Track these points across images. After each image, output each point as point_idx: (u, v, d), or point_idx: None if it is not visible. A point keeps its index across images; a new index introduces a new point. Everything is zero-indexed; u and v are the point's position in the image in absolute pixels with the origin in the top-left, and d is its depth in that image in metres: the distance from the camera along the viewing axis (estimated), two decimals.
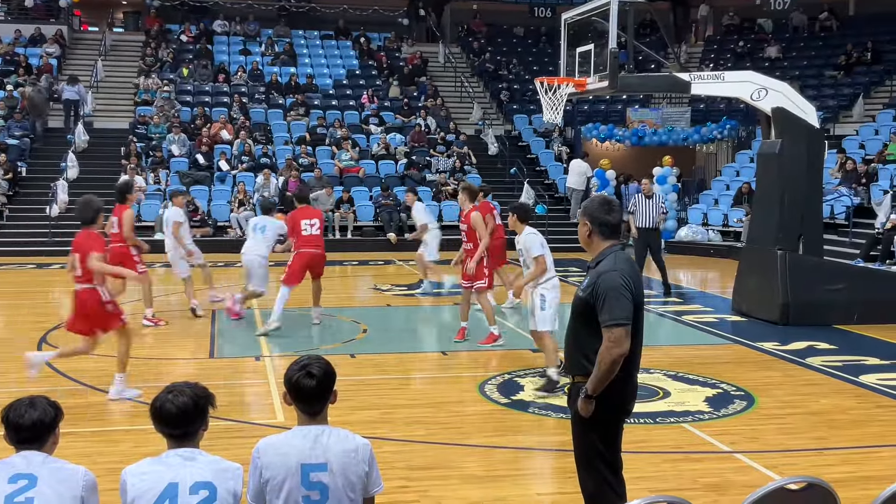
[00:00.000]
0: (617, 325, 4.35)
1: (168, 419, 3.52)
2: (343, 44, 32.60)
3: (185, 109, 27.05)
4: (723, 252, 20.99)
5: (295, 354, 10.05)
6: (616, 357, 4.34)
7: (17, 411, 3.60)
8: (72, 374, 9.10)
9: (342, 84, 30.15)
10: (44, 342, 10.77)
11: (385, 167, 25.42)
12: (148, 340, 11.25)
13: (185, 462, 3.49)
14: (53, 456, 3.64)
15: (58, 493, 3.46)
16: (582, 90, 13.14)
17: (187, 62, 29.59)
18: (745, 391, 8.67)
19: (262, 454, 3.58)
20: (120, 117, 26.93)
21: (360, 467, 3.59)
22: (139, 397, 8.09)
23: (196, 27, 31.67)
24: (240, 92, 28.19)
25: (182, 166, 24.27)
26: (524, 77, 30.37)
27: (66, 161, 23.56)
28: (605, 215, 4.62)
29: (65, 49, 29.80)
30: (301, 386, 3.58)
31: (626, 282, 4.43)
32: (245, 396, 8.43)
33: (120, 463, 4.27)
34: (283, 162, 24.56)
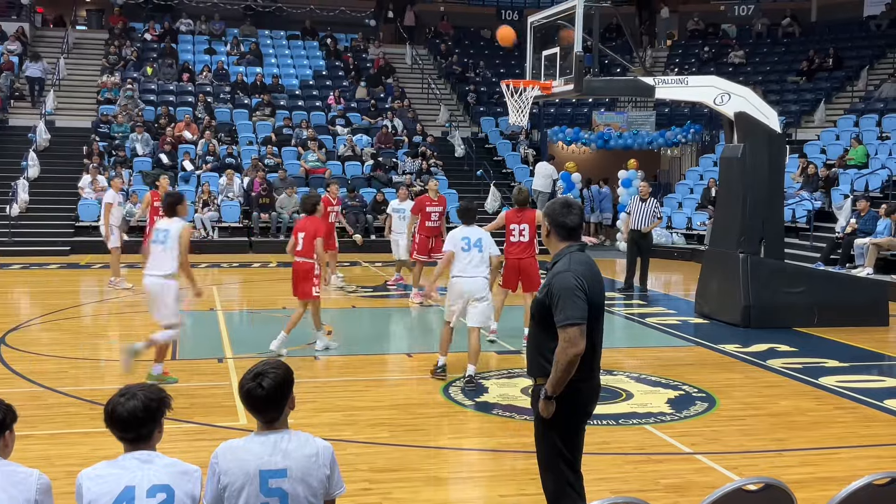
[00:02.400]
0: (571, 324, 4.37)
1: (119, 422, 3.46)
2: (310, 44, 32.47)
3: (148, 108, 26.79)
4: (686, 255, 21.18)
5: (258, 356, 10.03)
6: (572, 357, 4.37)
7: None
8: (30, 376, 8.98)
9: (308, 84, 30.03)
10: (2, 343, 10.61)
11: (351, 168, 25.36)
12: (109, 343, 11.11)
13: (141, 465, 3.44)
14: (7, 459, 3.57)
15: (10, 496, 3.39)
16: (548, 93, 13.20)
17: (151, 61, 29.32)
18: (707, 393, 8.74)
19: (221, 459, 3.53)
20: (82, 116, 26.61)
21: (320, 472, 3.56)
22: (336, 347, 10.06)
23: (160, 25, 31.39)
24: (205, 91, 27.96)
25: (145, 166, 24.03)
26: (491, 79, 30.43)
27: (26, 160, 23.24)
28: (561, 217, 4.65)
29: (26, 46, 29.39)
30: (252, 395, 3.50)
31: (580, 282, 4.45)
32: (207, 398, 8.36)
33: (78, 466, 4.22)
34: (249, 162, 24.41)
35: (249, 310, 13.09)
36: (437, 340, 10.88)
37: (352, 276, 18.33)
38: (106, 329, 12.27)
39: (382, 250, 22.02)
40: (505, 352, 10.66)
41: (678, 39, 33.73)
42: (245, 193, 23.17)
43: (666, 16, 34.05)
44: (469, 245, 9.03)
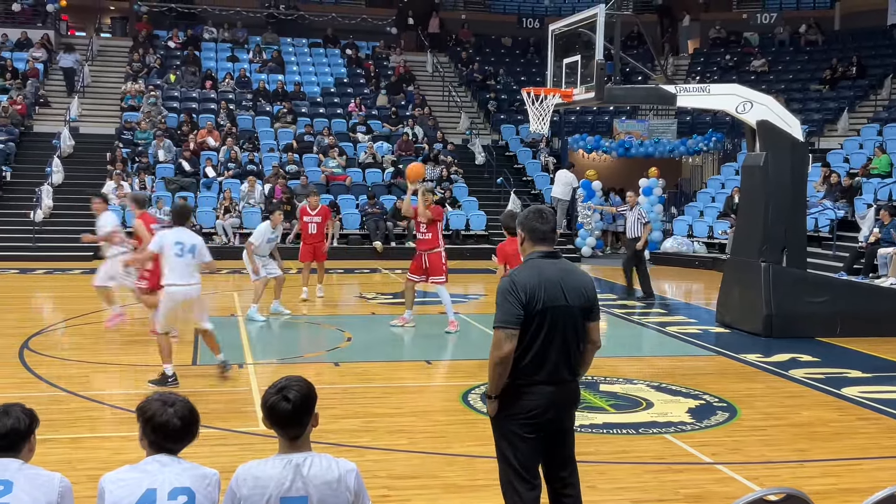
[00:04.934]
0: (496, 327, 4.49)
1: (172, 433, 3.47)
2: (331, 52, 32.61)
3: (171, 115, 26.98)
4: (707, 264, 21.07)
5: (280, 363, 10.08)
6: (496, 359, 4.47)
7: None
8: (52, 380, 9.05)
9: (330, 92, 30.15)
10: (25, 348, 10.69)
11: (372, 175, 25.42)
12: (133, 347, 11.19)
13: (162, 468, 3.46)
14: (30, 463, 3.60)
15: (34, 498, 3.44)
16: (569, 101, 13.19)
17: (174, 68, 29.54)
18: (728, 402, 8.69)
19: (241, 484, 3.44)
20: (106, 123, 26.85)
21: (343, 497, 3.45)
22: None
23: (184, 33, 31.62)
24: (227, 99, 28.14)
25: (168, 172, 24.19)
26: (512, 87, 30.45)
27: (51, 166, 23.46)
28: (533, 223, 4.71)
29: (51, 54, 29.70)
30: (277, 410, 3.44)
31: (514, 287, 4.51)
32: (227, 404, 8.39)
33: (99, 470, 4.25)
34: (270, 169, 24.52)
35: (270, 316, 13.13)
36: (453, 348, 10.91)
37: (371, 283, 18.37)
38: (127, 334, 12.33)
39: (403, 257, 22.06)
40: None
41: (700, 48, 33.63)
42: (266, 200, 23.26)
43: (688, 24, 33.96)
44: (183, 251, 8.82)
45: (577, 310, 4.65)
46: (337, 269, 19.86)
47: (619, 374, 9.81)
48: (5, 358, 10.13)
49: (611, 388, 9.16)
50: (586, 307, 4.70)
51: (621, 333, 13.56)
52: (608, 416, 8.15)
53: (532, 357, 4.55)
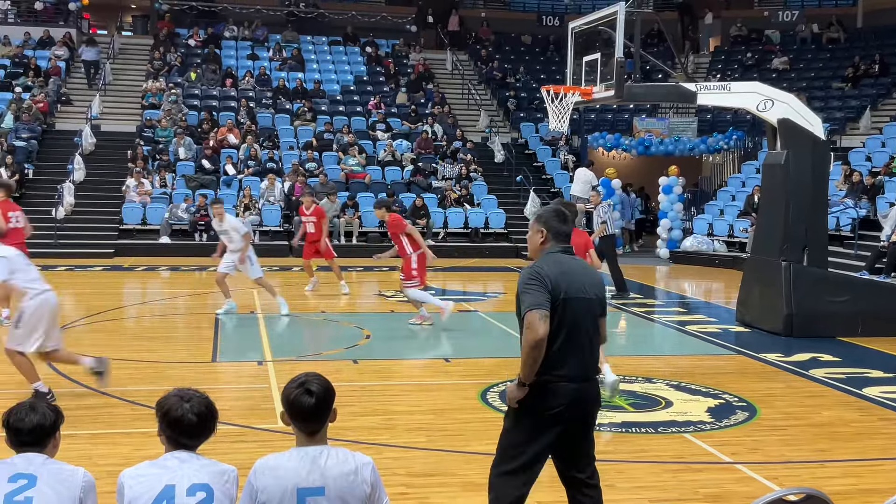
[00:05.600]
0: (531, 309, 4.45)
1: (186, 429, 3.51)
2: (351, 50, 32.67)
3: (192, 113, 27.12)
4: (728, 262, 20.97)
5: (298, 360, 10.11)
6: (531, 341, 4.42)
7: (17, 415, 3.62)
8: (73, 376, 9.12)
9: (349, 90, 30.20)
10: None
11: (391, 173, 25.46)
12: (153, 343, 11.26)
13: (181, 464, 3.49)
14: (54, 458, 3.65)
15: (57, 492, 3.48)
16: (588, 99, 13.15)
17: (195, 66, 29.68)
18: (748, 402, 8.65)
19: (258, 476, 3.48)
20: (127, 120, 27.02)
21: (360, 489, 3.49)
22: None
23: (204, 31, 31.77)
24: (247, 96, 28.24)
25: (188, 170, 24.32)
26: (531, 85, 30.41)
27: (72, 163, 23.62)
28: (559, 225, 4.77)
29: (73, 52, 29.91)
30: (300, 404, 3.49)
31: (537, 275, 4.54)
32: (246, 401, 8.43)
33: (119, 465, 4.28)
34: (290, 167, 24.60)
35: (289, 313, 13.18)
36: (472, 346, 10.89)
37: (390, 280, 18.38)
38: (148, 331, 12.42)
39: None
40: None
41: (721, 45, 33.46)
42: (286, 198, 23.33)
43: (709, 22, 33.78)
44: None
45: (596, 303, 4.71)
46: (356, 267, 19.91)
47: (639, 373, 9.79)
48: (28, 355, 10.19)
49: (630, 387, 9.13)
50: (601, 301, 4.77)
51: (641, 332, 13.52)
52: (627, 415, 8.13)
53: (557, 350, 4.51)
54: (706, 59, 32.80)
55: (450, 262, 20.45)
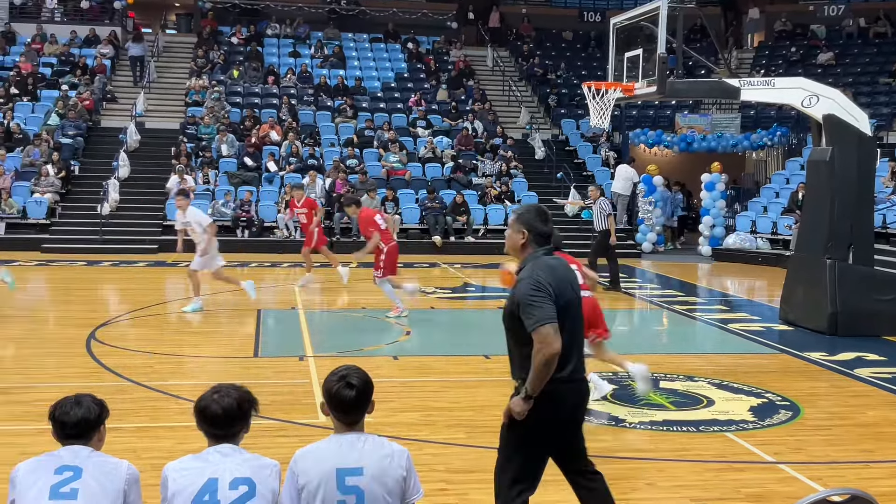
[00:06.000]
0: (543, 324, 4.37)
1: (212, 420, 3.60)
2: (392, 46, 32.75)
3: (234, 110, 27.35)
4: (771, 260, 20.73)
5: (339, 356, 10.16)
6: (548, 356, 4.36)
7: (63, 409, 3.69)
8: (118, 370, 9.25)
9: (390, 87, 30.28)
10: (93, 338, 10.94)
11: (432, 170, 25.49)
12: (196, 338, 11.39)
13: (224, 458, 3.55)
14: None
15: (102, 485, 3.54)
16: (630, 95, 13.07)
17: (238, 64, 29.94)
18: (791, 401, 8.55)
19: (299, 461, 3.61)
20: (171, 118, 27.32)
21: (397, 472, 3.61)
22: None
23: (247, 29, 32.03)
24: (289, 94, 28.43)
25: (231, 167, 24.54)
26: (572, 81, 30.28)
27: (117, 160, 23.94)
28: (541, 226, 4.69)
29: (118, 50, 30.31)
30: (341, 396, 3.62)
31: (541, 285, 4.45)
32: (288, 395, 8.49)
33: (163, 459, 4.34)
34: (331, 164, 24.73)
35: (329, 309, 13.25)
36: None
37: (430, 277, 18.43)
38: (191, 326, 12.56)
39: (462, 252, 22.09)
40: (587, 355, 10.57)
41: (765, 41, 33.05)
42: (327, 194, 23.46)
43: (752, 17, 33.39)
44: None
45: (581, 301, 4.73)
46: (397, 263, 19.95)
47: (680, 371, 9.71)
48: (74, 348, 10.38)
49: (671, 385, 9.07)
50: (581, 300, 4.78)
51: (682, 330, 13.42)
52: (668, 413, 8.08)
53: (563, 354, 4.48)
54: (750, 54, 32.43)
55: (490, 258, 20.43)
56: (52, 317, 13.67)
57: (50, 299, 15.72)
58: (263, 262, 19.75)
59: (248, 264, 18.39)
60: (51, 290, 16.67)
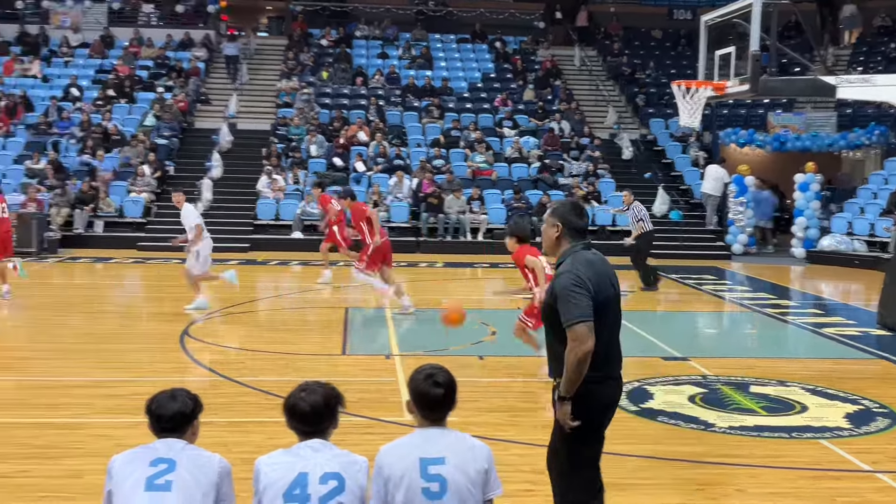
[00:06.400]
0: (575, 322, 4.32)
1: (301, 417, 3.68)
2: (479, 47, 32.79)
3: (323, 112, 27.74)
4: (868, 263, 20.09)
5: (425, 355, 10.21)
6: (581, 355, 4.30)
7: (159, 403, 3.79)
8: (210, 366, 9.46)
9: (477, 87, 30.31)
10: (186, 334, 11.21)
11: (518, 170, 25.43)
12: (286, 335, 11.58)
13: (314, 453, 3.61)
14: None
15: (195, 477, 3.62)
16: (721, 93, 12.83)
17: (327, 66, 30.35)
18: (889, 409, 8.27)
19: (383, 456, 3.72)
20: (262, 119, 27.85)
21: (478, 464, 3.69)
22: None
23: (336, 31, 32.44)
24: (377, 95, 28.71)
25: (320, 167, 24.89)
26: (661, 80, 29.85)
27: (210, 161, 24.50)
28: (575, 219, 4.66)
29: (212, 53, 31.03)
30: (429, 394, 3.71)
31: (581, 280, 4.39)
32: (375, 393, 8.57)
33: (252, 453, 4.41)
34: (417, 164, 24.87)
35: (416, 309, 13.32)
36: None
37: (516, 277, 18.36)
38: (280, 323, 12.77)
39: None
40: (672, 358, 10.44)
41: (863, 37, 32.06)
42: (413, 194, 23.60)
43: (849, 12, 32.41)
44: None
45: (619, 296, 4.68)
46: (482, 264, 19.98)
47: (772, 376, 9.49)
48: (168, 344, 10.66)
49: (762, 390, 8.87)
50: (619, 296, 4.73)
51: (774, 334, 13.12)
52: (759, 418, 7.89)
53: (603, 350, 4.46)
54: (847, 51, 31.50)
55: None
56: (147, 313, 14.05)
57: (144, 296, 16.16)
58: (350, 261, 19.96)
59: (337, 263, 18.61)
60: (145, 287, 17.15)
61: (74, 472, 6.21)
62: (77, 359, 10.09)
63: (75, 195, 22.49)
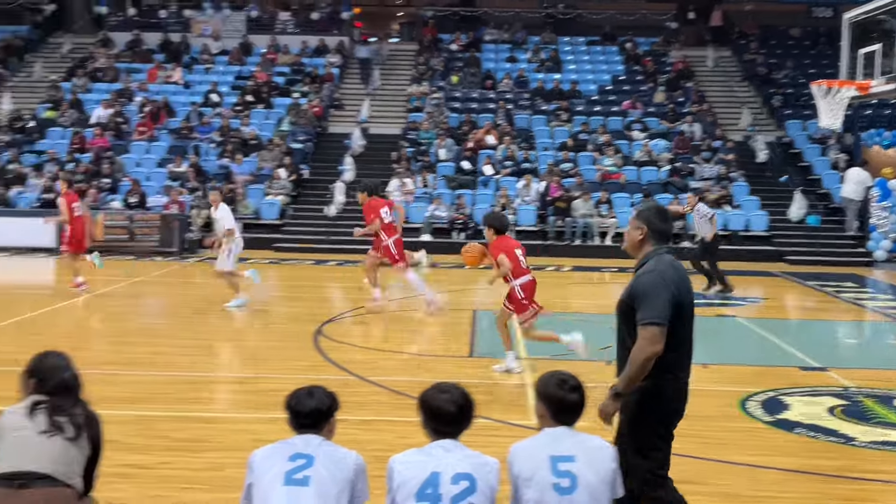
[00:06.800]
0: (652, 323, 4.34)
1: (444, 418, 3.75)
2: (609, 49, 32.45)
3: (452, 116, 27.97)
4: None
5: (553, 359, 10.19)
6: (649, 355, 4.32)
7: (298, 399, 3.92)
8: (343, 365, 9.67)
9: (606, 89, 30.00)
10: (320, 334, 11.49)
11: (647, 173, 25.05)
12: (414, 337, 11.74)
13: (446, 453, 3.68)
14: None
15: (332, 473, 3.73)
16: (865, 93, 12.37)
17: (457, 70, 30.60)
18: None
19: (514, 454, 3.82)
20: (393, 123, 28.30)
21: (608, 464, 3.79)
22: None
23: (466, 36, 32.68)
24: (505, 98, 28.77)
25: (448, 171, 25.11)
26: (799, 80, 28.89)
27: (343, 164, 25.06)
28: (661, 223, 4.68)
29: (346, 59, 31.72)
30: (564, 400, 3.83)
31: (665, 282, 4.42)
32: (503, 396, 8.60)
33: (383, 451, 4.51)
34: (545, 167, 24.80)
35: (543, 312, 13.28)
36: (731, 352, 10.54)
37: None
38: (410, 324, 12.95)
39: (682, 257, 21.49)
40: (810, 368, 10.10)
41: None
42: (541, 197, 23.55)
43: None
44: None
45: (693, 305, 4.68)
46: (611, 268, 19.78)
47: None
48: (302, 343, 10.96)
49: None
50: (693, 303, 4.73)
51: None
52: None
53: (681, 353, 4.53)
54: None
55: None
56: (282, 312, 14.46)
57: (280, 296, 16.65)
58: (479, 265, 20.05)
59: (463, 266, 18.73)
60: (281, 287, 17.67)
61: (215, 465, 6.46)
62: (216, 355, 10.51)
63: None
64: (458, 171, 25.15)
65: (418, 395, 3.88)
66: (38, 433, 3.92)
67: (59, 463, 3.90)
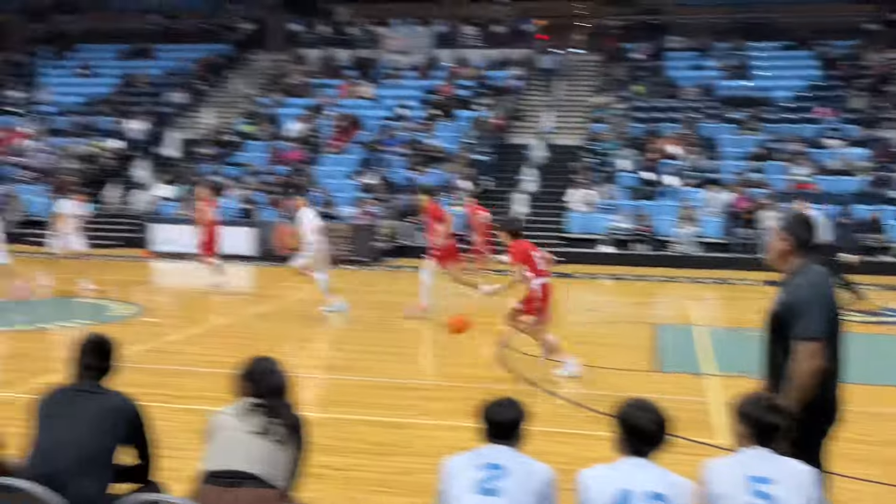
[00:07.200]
0: (812, 337, 4.25)
1: (642, 435, 3.85)
2: (801, 54, 31.17)
3: (635, 125, 27.67)
4: None
5: (739, 375, 9.97)
6: (814, 371, 4.24)
7: (491, 410, 4.09)
8: (528, 376, 9.81)
9: (799, 96, 28.85)
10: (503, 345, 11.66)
11: (843, 183, 23.93)
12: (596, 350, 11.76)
13: (637, 470, 3.74)
14: None
15: (523, 485, 3.86)
16: None
17: (641, 79, 30.24)
18: None
19: (708, 470, 3.84)
20: (574, 134, 28.28)
21: (810, 490, 3.71)
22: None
23: (650, 45, 32.23)
24: (690, 107, 28.19)
25: (630, 181, 24.86)
26: None
27: (524, 175, 25.26)
28: (806, 235, 4.57)
29: (528, 71, 31.96)
30: (764, 420, 3.85)
31: (823, 297, 4.33)
32: (687, 413, 8.49)
33: (566, 464, 4.61)
34: (731, 177, 24.14)
35: (726, 327, 13.02)
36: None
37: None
38: (592, 337, 12.96)
39: (881, 272, 20.44)
40: None
41: None
42: (727, 208, 22.95)
43: None
44: None
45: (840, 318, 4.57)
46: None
47: None
48: (487, 352, 11.17)
49: None
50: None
51: None
52: None
53: (836, 368, 4.45)
54: None
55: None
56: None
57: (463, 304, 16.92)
58: (659, 276, 19.80)
59: (645, 278, 18.57)
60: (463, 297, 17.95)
61: (404, 470, 6.71)
62: (406, 362, 10.88)
63: (401, 209, 24.08)
64: (640, 182, 24.85)
65: (613, 410, 3.95)
66: (248, 434, 4.14)
67: (266, 464, 4.10)
